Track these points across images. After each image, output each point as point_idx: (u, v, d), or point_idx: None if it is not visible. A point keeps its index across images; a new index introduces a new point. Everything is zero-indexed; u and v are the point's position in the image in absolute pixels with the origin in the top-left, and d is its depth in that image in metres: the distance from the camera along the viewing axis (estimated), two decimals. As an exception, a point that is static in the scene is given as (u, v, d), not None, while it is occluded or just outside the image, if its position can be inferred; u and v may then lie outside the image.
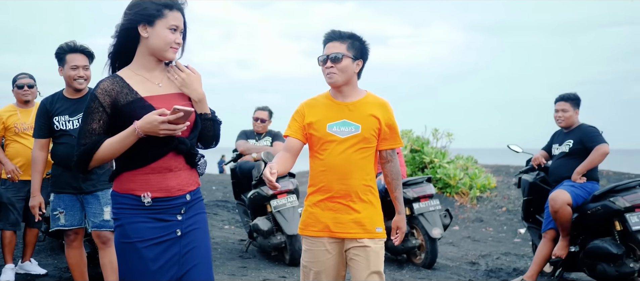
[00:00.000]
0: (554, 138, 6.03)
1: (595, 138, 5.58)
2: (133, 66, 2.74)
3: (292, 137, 3.33)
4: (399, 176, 3.39)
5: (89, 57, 4.53)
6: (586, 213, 5.51)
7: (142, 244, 2.65)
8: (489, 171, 12.92)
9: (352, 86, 3.29)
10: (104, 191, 4.43)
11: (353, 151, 3.22)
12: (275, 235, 6.53)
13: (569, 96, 5.76)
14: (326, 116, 3.28)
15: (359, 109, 3.26)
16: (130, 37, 2.71)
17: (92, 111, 2.64)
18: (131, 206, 2.66)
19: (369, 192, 3.27)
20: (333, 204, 3.25)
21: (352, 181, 3.22)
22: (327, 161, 3.25)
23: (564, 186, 5.61)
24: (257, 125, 7.20)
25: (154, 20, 2.65)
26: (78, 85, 4.47)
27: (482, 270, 6.88)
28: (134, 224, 2.66)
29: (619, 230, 5.34)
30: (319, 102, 3.36)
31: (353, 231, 3.24)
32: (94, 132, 2.64)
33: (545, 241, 5.78)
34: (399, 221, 3.42)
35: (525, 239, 9.02)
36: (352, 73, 3.24)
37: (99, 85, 2.66)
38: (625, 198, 5.31)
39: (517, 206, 10.75)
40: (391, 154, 3.35)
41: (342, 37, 3.25)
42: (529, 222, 6.46)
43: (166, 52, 2.70)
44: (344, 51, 3.21)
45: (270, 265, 6.55)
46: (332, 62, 3.21)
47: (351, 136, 3.22)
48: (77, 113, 4.45)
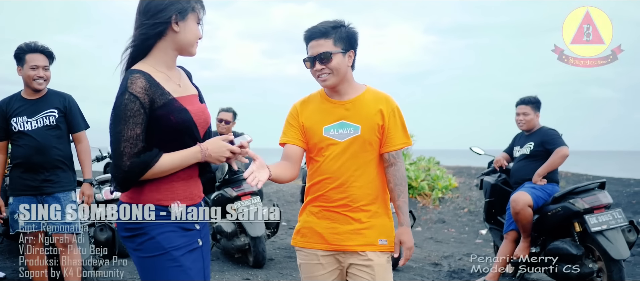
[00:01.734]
0: (515, 140, 6.13)
1: (556, 141, 5.70)
2: (152, 62, 2.46)
3: (290, 144, 2.93)
4: (403, 182, 2.91)
5: (49, 57, 4.47)
6: (546, 215, 5.60)
7: (179, 252, 2.43)
8: (450, 172, 13.06)
9: (348, 82, 2.89)
10: (64, 193, 4.37)
11: (353, 155, 2.85)
12: (239, 237, 6.50)
13: (529, 99, 5.86)
14: (321, 118, 2.91)
15: (357, 108, 2.88)
16: (161, 32, 2.44)
17: (134, 114, 2.32)
18: (157, 217, 2.43)
19: (375, 200, 2.90)
20: (330, 213, 2.89)
21: (353, 189, 2.85)
22: (324, 168, 2.88)
23: (525, 187, 5.70)
24: (221, 126, 7.16)
25: (186, 14, 2.45)
26: (37, 85, 4.40)
27: (445, 271, 6.93)
28: (165, 234, 2.43)
29: (579, 231, 5.44)
30: (312, 102, 2.98)
31: (351, 243, 2.86)
32: (140, 138, 2.34)
33: (506, 242, 5.86)
34: (402, 233, 2.91)
35: (487, 240, 9.13)
36: (346, 68, 2.84)
37: (133, 82, 2.34)
38: (585, 200, 5.41)
39: (478, 207, 10.88)
40: (395, 156, 2.90)
41: (325, 32, 2.81)
42: (490, 223, 6.54)
43: (194, 47, 2.51)
44: (331, 46, 2.80)
45: (233, 267, 6.51)
46: (321, 63, 2.80)
47: (351, 138, 2.85)
48: (36, 114, 4.38)
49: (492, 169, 6.42)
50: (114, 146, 2.34)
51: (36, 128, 4.37)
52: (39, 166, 4.36)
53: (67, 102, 4.51)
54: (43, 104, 4.45)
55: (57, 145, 4.43)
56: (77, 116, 4.56)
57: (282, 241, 8.34)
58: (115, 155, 2.34)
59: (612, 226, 5.27)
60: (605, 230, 5.26)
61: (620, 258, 5.16)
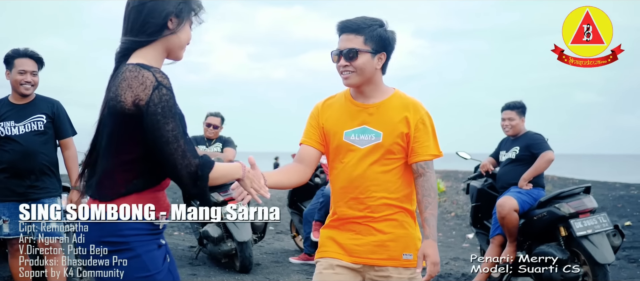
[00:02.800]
0: (501, 145, 6.16)
1: (541, 145, 5.73)
2: (149, 59, 2.24)
3: (306, 145, 2.79)
4: (431, 193, 2.70)
5: (38, 63, 4.46)
6: (532, 219, 5.62)
7: (160, 275, 2.24)
8: (438, 176, 13.10)
9: (376, 85, 2.71)
10: (50, 199, 4.35)
11: (372, 164, 2.67)
12: (226, 242, 6.49)
13: (515, 104, 5.90)
14: (343, 121, 2.74)
15: (381, 113, 2.70)
16: (160, 30, 2.25)
17: (182, 116, 2.20)
18: (144, 231, 2.21)
19: (400, 211, 2.71)
20: (353, 225, 2.72)
21: (373, 200, 2.68)
22: (343, 176, 2.72)
23: (511, 192, 5.72)
24: (209, 131, 7.15)
25: (188, 15, 2.31)
26: (24, 90, 4.39)
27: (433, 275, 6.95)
28: (151, 254, 2.23)
29: (564, 236, 5.46)
30: (336, 103, 2.81)
31: (373, 256, 2.69)
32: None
33: (493, 246, 5.87)
34: (427, 247, 2.65)
35: (474, 244, 9.16)
36: (373, 70, 2.66)
37: (163, 77, 2.14)
38: (570, 205, 5.45)
39: (465, 211, 10.92)
40: (423, 167, 2.69)
41: (357, 28, 2.64)
42: (477, 228, 6.56)
43: (183, 51, 2.34)
44: (361, 45, 2.63)
45: (220, 272, 6.50)
46: (347, 60, 2.64)
47: (372, 146, 2.68)
48: (23, 119, 4.37)
49: (479, 173, 6.45)
50: (172, 147, 2.10)
51: (23, 133, 4.36)
52: (25, 171, 4.34)
53: (55, 108, 4.50)
54: (31, 109, 4.44)
55: (44, 150, 4.42)
56: (65, 122, 4.55)
57: (269, 246, 8.34)
58: (177, 156, 2.11)
59: (597, 230, 5.30)
60: (591, 234, 5.30)
61: (606, 262, 5.19)
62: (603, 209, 10.19)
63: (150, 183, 2.23)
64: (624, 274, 6.81)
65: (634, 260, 7.46)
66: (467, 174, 12.42)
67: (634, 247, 8.09)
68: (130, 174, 2.19)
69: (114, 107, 2.14)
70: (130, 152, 2.17)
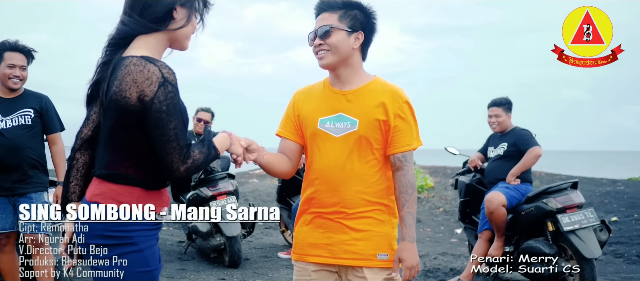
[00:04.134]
0: (489, 141, 6.20)
1: (529, 141, 5.77)
2: (151, 50, 2.20)
3: (284, 137, 2.66)
4: (409, 189, 2.52)
5: (28, 56, 4.41)
6: (520, 214, 5.66)
7: (157, 271, 2.24)
8: (426, 172, 13.15)
9: (353, 69, 2.55)
10: (37, 194, 4.32)
11: (349, 154, 2.50)
12: (215, 237, 6.50)
13: (501, 101, 5.93)
14: (319, 107, 2.58)
15: (358, 99, 2.53)
16: (167, 19, 2.22)
17: (184, 109, 2.19)
18: (147, 227, 2.19)
19: (376, 207, 2.54)
20: (324, 221, 2.55)
21: (346, 192, 2.50)
22: (317, 166, 2.55)
23: (499, 187, 5.76)
24: (199, 126, 7.16)
25: (194, 6, 2.28)
26: (12, 84, 4.35)
27: (421, 270, 6.98)
28: (152, 249, 2.22)
29: (552, 231, 5.50)
30: (314, 90, 2.66)
31: (346, 256, 2.52)
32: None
33: (481, 241, 5.91)
34: (402, 249, 2.49)
35: (462, 239, 9.20)
36: (349, 50, 2.51)
37: (170, 73, 2.11)
38: (557, 200, 5.49)
39: (454, 207, 10.96)
40: (401, 159, 2.51)
41: (332, 5, 2.52)
42: (465, 223, 6.59)
43: (188, 40, 2.30)
44: (335, 21, 2.49)
45: (209, 267, 6.50)
46: (321, 38, 2.50)
47: (347, 134, 2.51)
48: (11, 113, 4.33)
49: (467, 169, 6.48)
50: (172, 146, 2.09)
51: (10, 127, 4.31)
52: (12, 166, 4.30)
53: (43, 103, 4.46)
54: (19, 104, 4.39)
55: (31, 145, 4.37)
56: (53, 118, 4.51)
57: (258, 241, 8.34)
58: (175, 155, 2.09)
59: (584, 225, 5.35)
60: (578, 229, 5.34)
61: (592, 257, 5.23)
62: (590, 205, 10.26)
63: (156, 182, 2.21)
64: (610, 269, 6.87)
65: (620, 255, 7.53)
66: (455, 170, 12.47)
67: (620, 242, 8.16)
68: (137, 170, 2.16)
69: (117, 102, 2.10)
70: (135, 147, 2.15)
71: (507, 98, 5.97)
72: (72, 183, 2.31)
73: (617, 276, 6.48)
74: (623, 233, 8.67)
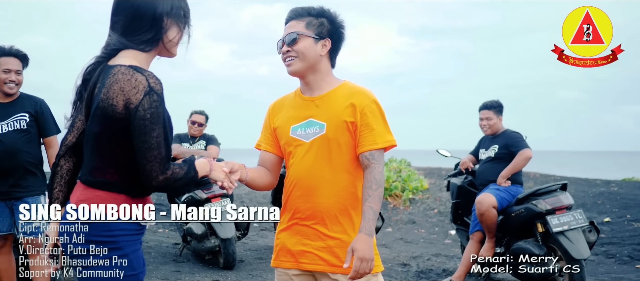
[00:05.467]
0: (480, 143, 6.27)
1: (519, 143, 5.84)
2: (139, 60, 2.25)
3: (262, 150, 2.71)
4: (373, 185, 2.49)
5: (23, 61, 4.46)
6: (510, 216, 5.73)
7: (142, 275, 2.29)
8: (421, 173, 13.20)
9: (322, 75, 2.59)
10: (34, 197, 4.37)
11: (320, 158, 2.53)
12: (209, 239, 6.55)
13: (491, 104, 6.00)
14: (291, 116, 2.63)
15: (327, 104, 2.57)
16: (159, 33, 2.28)
17: (169, 119, 2.24)
18: (132, 232, 2.24)
19: (351, 212, 2.56)
20: (301, 228, 2.57)
21: (320, 198, 2.53)
22: (291, 173, 2.59)
23: (489, 189, 5.83)
24: (193, 128, 7.21)
25: (175, 13, 2.31)
26: (8, 89, 4.40)
27: (413, 271, 7.04)
28: (137, 253, 2.27)
29: (541, 232, 5.57)
30: (286, 100, 2.71)
31: (322, 263, 2.54)
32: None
33: (472, 242, 5.98)
34: (356, 241, 2.40)
35: (456, 240, 9.25)
36: (317, 56, 2.55)
37: (156, 82, 2.16)
38: (547, 201, 5.55)
39: (448, 208, 11.01)
40: (369, 158, 2.51)
41: (299, 13, 2.58)
42: (457, 224, 6.66)
43: (177, 47, 2.36)
44: (302, 29, 2.54)
45: (204, 269, 6.56)
46: (288, 45, 2.55)
47: (316, 138, 2.54)
48: (7, 117, 4.38)
49: (459, 171, 6.55)
50: (153, 154, 2.12)
51: (6, 132, 4.36)
52: (8, 170, 4.35)
53: (38, 107, 4.51)
54: (14, 108, 4.44)
55: (27, 149, 4.41)
56: (49, 121, 4.55)
57: (252, 242, 8.39)
58: (155, 164, 2.13)
59: (573, 226, 5.41)
60: (567, 230, 5.40)
61: (581, 258, 5.30)
62: (583, 206, 10.33)
63: (141, 189, 2.24)
64: (601, 269, 6.94)
65: (611, 255, 7.60)
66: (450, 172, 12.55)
67: (612, 243, 8.22)
68: (123, 177, 2.21)
69: (104, 110, 2.15)
70: (121, 155, 2.18)
71: (498, 101, 6.04)
72: (56, 188, 2.36)
73: (608, 277, 6.54)
74: (615, 233, 8.73)
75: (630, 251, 7.71)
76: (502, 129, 6.04)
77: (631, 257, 7.45)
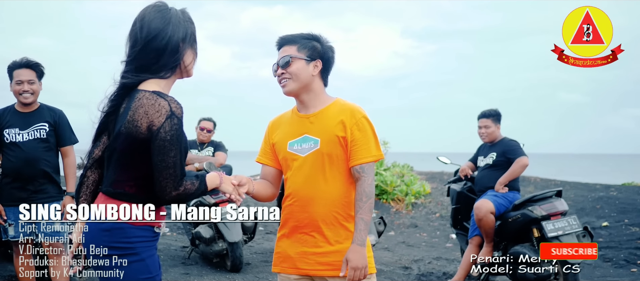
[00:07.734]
0: (479, 151, 6.45)
1: (516, 151, 6.02)
2: (162, 86, 2.47)
3: (263, 164, 2.94)
4: (363, 197, 2.68)
5: (35, 70, 4.63)
6: (507, 221, 5.89)
7: (158, 277, 2.51)
8: (423, 178, 13.34)
9: (315, 94, 2.80)
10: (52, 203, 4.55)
11: (315, 171, 2.72)
12: (217, 242, 6.71)
13: (490, 112, 6.19)
14: (288, 133, 2.83)
15: (320, 120, 2.77)
16: (178, 60, 2.50)
17: (185, 140, 2.42)
18: (148, 238, 2.47)
19: (346, 220, 2.75)
20: (301, 236, 2.77)
21: (316, 207, 2.73)
22: (289, 185, 2.80)
23: (487, 195, 6.00)
24: (202, 135, 7.37)
25: (189, 38, 2.53)
26: (23, 99, 4.59)
27: (414, 274, 7.19)
28: (153, 258, 2.49)
29: (537, 237, 5.71)
30: (283, 118, 2.92)
31: (320, 268, 2.74)
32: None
33: (471, 246, 6.14)
34: (350, 251, 2.63)
35: (457, 244, 9.36)
36: (309, 77, 2.75)
37: (178, 108, 2.38)
38: (542, 207, 5.71)
39: (449, 212, 11.13)
40: (359, 171, 2.71)
41: (291, 39, 2.79)
42: (457, 229, 6.81)
43: (193, 67, 2.56)
44: (294, 52, 2.75)
45: (212, 272, 6.72)
46: (283, 68, 2.75)
47: (311, 152, 2.74)
48: (28, 127, 4.58)
49: (458, 177, 6.72)
50: (169, 172, 2.34)
51: (27, 140, 4.57)
52: (28, 177, 4.56)
53: (57, 117, 4.71)
54: (35, 118, 4.65)
55: (46, 157, 4.63)
56: (66, 131, 4.76)
57: (259, 246, 8.52)
58: (169, 182, 2.34)
59: (567, 231, 5.56)
60: (561, 235, 5.56)
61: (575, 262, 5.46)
62: (583, 210, 10.46)
63: (156, 201, 2.45)
64: (597, 272, 7.06)
65: (608, 259, 7.71)
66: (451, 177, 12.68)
67: (609, 247, 8.34)
68: (140, 189, 2.43)
69: (129, 129, 2.36)
70: (140, 170, 2.41)
71: (496, 110, 6.22)
72: (82, 197, 2.61)
73: (604, 280, 6.70)
74: (613, 238, 8.85)
75: (626, 255, 7.84)
76: (500, 137, 6.22)
77: (627, 261, 7.58)
